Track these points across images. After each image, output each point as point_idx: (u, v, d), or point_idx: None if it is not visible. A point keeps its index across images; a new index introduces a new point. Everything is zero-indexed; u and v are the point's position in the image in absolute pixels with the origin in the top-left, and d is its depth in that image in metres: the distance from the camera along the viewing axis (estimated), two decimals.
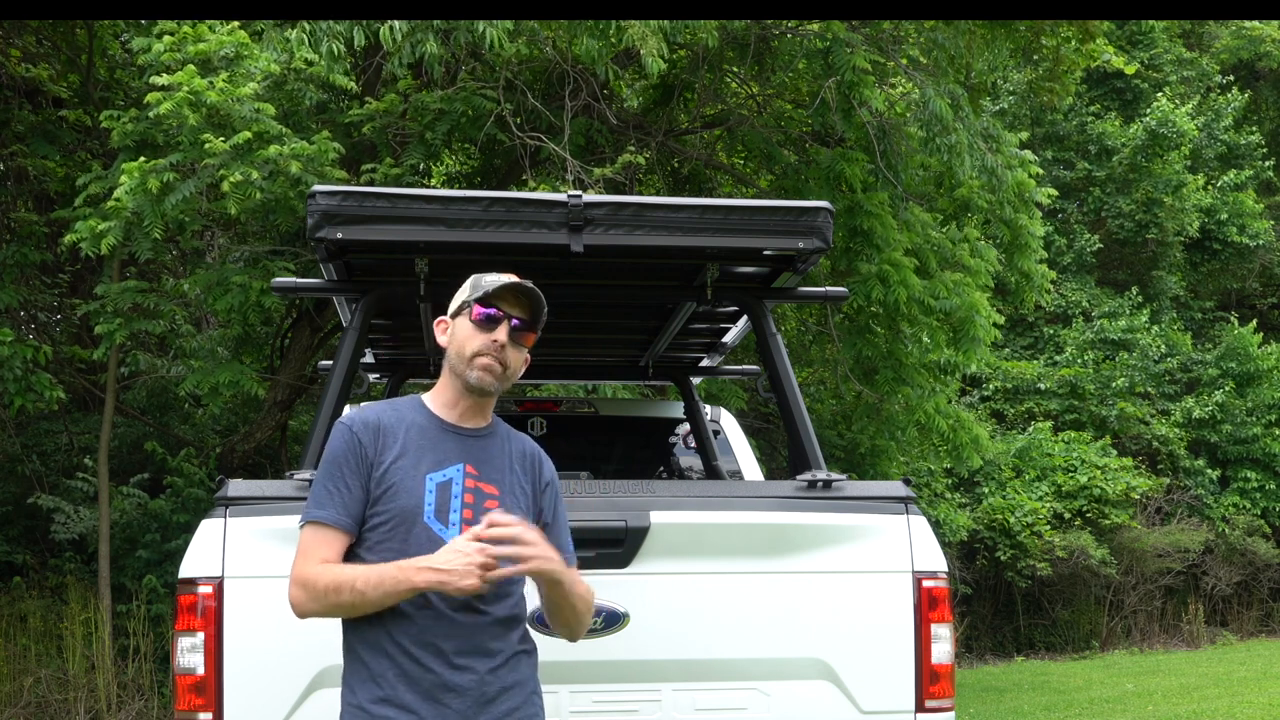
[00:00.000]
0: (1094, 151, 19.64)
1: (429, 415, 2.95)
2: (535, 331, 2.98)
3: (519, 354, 2.96)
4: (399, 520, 2.81)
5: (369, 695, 2.78)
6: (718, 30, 8.02)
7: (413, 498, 2.82)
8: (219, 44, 7.04)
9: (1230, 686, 12.01)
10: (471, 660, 2.79)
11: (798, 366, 11.18)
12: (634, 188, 9.26)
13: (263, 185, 6.75)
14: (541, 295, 2.97)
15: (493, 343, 2.89)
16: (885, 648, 3.62)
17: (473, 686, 2.78)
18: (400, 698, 2.76)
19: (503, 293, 2.93)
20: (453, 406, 2.95)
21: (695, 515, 3.58)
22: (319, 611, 2.81)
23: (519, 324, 2.94)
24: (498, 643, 2.83)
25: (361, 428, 2.88)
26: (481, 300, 2.93)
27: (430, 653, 2.76)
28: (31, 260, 9.36)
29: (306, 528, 2.83)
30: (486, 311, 2.91)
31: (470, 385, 2.90)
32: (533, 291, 2.95)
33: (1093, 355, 18.02)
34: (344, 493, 2.83)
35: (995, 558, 15.67)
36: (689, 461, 6.44)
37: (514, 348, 2.93)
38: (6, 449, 10.41)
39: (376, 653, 2.79)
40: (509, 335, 2.91)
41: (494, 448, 2.96)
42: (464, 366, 2.91)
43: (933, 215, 9.97)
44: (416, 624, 2.77)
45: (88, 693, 8.90)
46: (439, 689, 2.76)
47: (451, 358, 2.95)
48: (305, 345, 9.72)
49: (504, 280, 2.94)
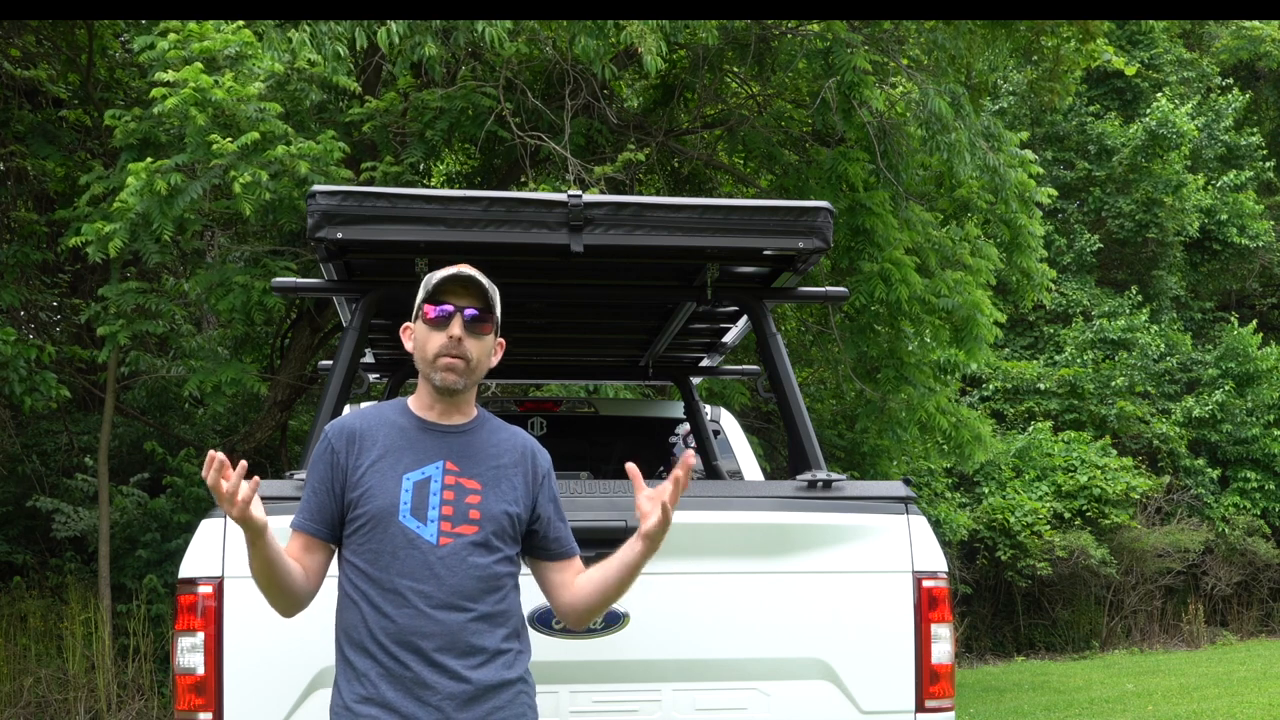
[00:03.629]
0: (1094, 151, 19.64)
1: (410, 416, 2.96)
2: (492, 317, 2.94)
3: (480, 343, 2.92)
4: (375, 521, 2.84)
5: (353, 695, 2.80)
6: (718, 30, 8.02)
7: (388, 498, 2.84)
8: (224, 42, 7.03)
9: (1230, 686, 12.01)
10: (451, 659, 2.78)
11: (798, 366, 11.18)
12: (634, 188, 9.26)
13: (270, 186, 6.74)
14: (487, 281, 2.94)
15: (449, 339, 2.88)
16: (885, 648, 3.62)
17: (451, 685, 2.77)
18: (382, 696, 2.77)
19: (448, 285, 2.91)
20: (430, 408, 2.97)
21: (695, 515, 3.57)
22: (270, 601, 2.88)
23: (473, 314, 2.91)
24: (480, 640, 2.82)
25: (336, 435, 2.94)
26: (429, 299, 2.91)
27: (409, 651, 2.77)
28: (32, 260, 9.36)
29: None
30: (438, 309, 2.90)
31: (436, 387, 2.92)
32: (477, 280, 2.92)
33: (1092, 355, 18.02)
34: (312, 499, 2.92)
35: (995, 557, 15.67)
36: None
37: (472, 339, 2.90)
38: (6, 449, 10.41)
39: (359, 652, 2.81)
40: (464, 328, 2.89)
41: (477, 443, 2.95)
42: (429, 369, 2.91)
43: (934, 215, 9.98)
44: (396, 623, 2.78)
45: (88, 693, 8.90)
46: (418, 686, 2.76)
47: (417, 362, 2.96)
48: (305, 345, 9.72)
49: (448, 273, 2.92)
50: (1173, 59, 21.00)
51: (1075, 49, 9.96)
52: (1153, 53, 20.59)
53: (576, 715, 3.54)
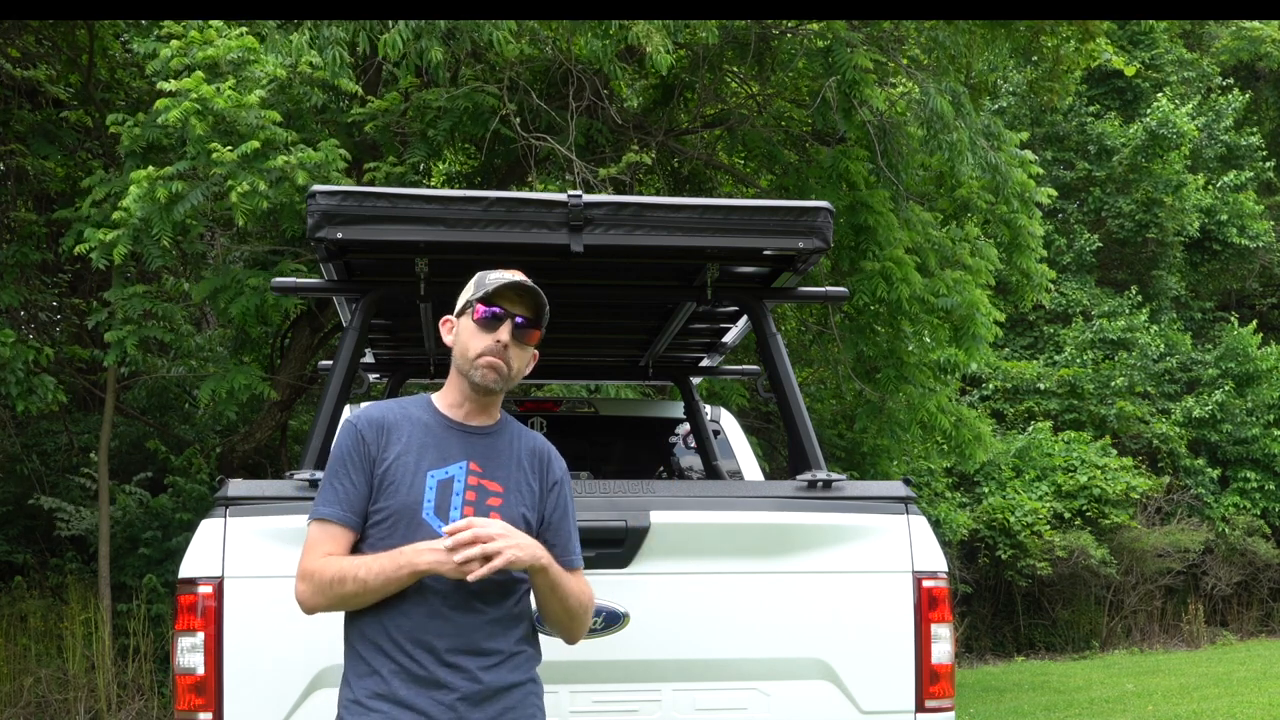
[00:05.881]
0: (1094, 151, 19.65)
1: (435, 414, 2.95)
2: (539, 329, 2.97)
3: (523, 353, 2.95)
4: (398, 516, 2.82)
5: (365, 690, 2.79)
6: (718, 30, 8.02)
7: (412, 494, 2.83)
8: (226, 49, 7.04)
9: (1230, 686, 12.01)
10: (464, 659, 2.78)
11: (798, 366, 11.18)
12: (634, 188, 9.26)
13: (268, 194, 6.75)
14: (542, 293, 2.96)
15: (496, 343, 2.88)
16: (885, 648, 3.62)
17: (464, 684, 2.77)
18: (395, 693, 2.76)
19: (504, 291, 2.92)
20: (459, 406, 2.96)
21: (695, 515, 3.58)
22: (324, 605, 2.82)
23: (522, 322, 2.92)
24: (494, 642, 2.83)
25: (366, 424, 2.90)
26: (484, 299, 2.92)
27: (423, 649, 2.77)
28: (31, 260, 9.36)
29: (313, 525, 2.86)
30: (489, 310, 2.91)
31: (475, 385, 2.91)
32: (535, 289, 2.94)
33: (1092, 355, 18.02)
34: (347, 489, 2.85)
35: (995, 557, 15.67)
36: (689, 461, 6.43)
37: (517, 347, 2.92)
38: (6, 449, 10.41)
39: (373, 650, 2.80)
40: (511, 334, 2.90)
41: (500, 445, 2.95)
42: (468, 366, 2.91)
43: (933, 215, 9.98)
44: (412, 620, 2.78)
45: (88, 693, 8.90)
46: (432, 685, 2.76)
47: (457, 358, 2.95)
48: (305, 345, 9.72)
49: (506, 279, 2.93)
50: (1173, 59, 21.01)
51: (1075, 49, 9.96)
52: (1153, 53, 20.59)
53: (576, 715, 3.54)
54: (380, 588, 2.75)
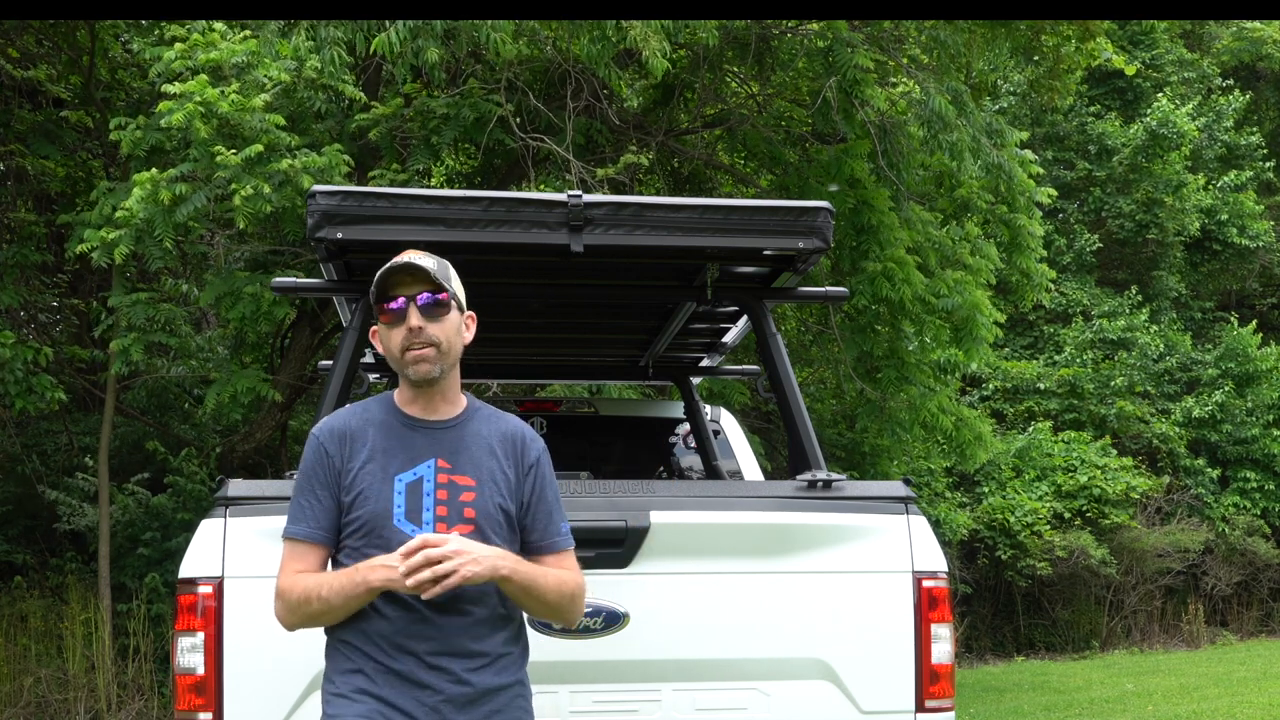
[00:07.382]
0: (1094, 151, 19.64)
1: (397, 413, 2.91)
2: (447, 295, 2.87)
3: (443, 325, 2.85)
4: (370, 525, 2.80)
5: (350, 686, 2.78)
6: (718, 30, 8.02)
7: (381, 502, 2.80)
8: (230, 53, 7.04)
9: (1230, 686, 12.01)
10: (447, 661, 2.77)
11: (798, 366, 11.18)
12: (634, 188, 9.26)
13: (271, 197, 6.76)
14: (431, 257, 2.89)
15: (409, 331, 2.83)
16: (885, 648, 3.62)
17: (449, 687, 2.76)
18: (379, 691, 2.75)
19: (392, 279, 2.86)
20: (413, 402, 2.92)
21: (695, 515, 3.58)
22: (297, 623, 2.83)
23: (427, 299, 2.85)
24: (478, 644, 2.80)
25: (328, 436, 2.88)
26: (379, 297, 2.88)
27: (404, 654, 2.76)
28: (31, 260, 9.36)
29: (285, 543, 2.86)
30: (388, 305, 2.86)
31: (414, 381, 2.87)
32: (417, 265, 2.85)
33: (1092, 355, 18.02)
34: (313, 505, 2.84)
35: (995, 557, 15.67)
36: (689, 461, 6.44)
37: (433, 323, 2.84)
38: (7, 449, 10.40)
39: (356, 652, 2.79)
40: (421, 314, 2.83)
41: (468, 436, 2.91)
42: (401, 366, 2.87)
43: (934, 215, 9.98)
44: (393, 624, 2.76)
45: (88, 693, 8.90)
46: (416, 687, 2.75)
47: (390, 362, 2.92)
48: (305, 345, 9.72)
49: (391, 266, 2.87)
50: (1173, 59, 20.99)
51: (1075, 48, 9.96)
52: (1153, 53, 20.57)
53: (576, 715, 3.54)
54: (343, 605, 2.74)
